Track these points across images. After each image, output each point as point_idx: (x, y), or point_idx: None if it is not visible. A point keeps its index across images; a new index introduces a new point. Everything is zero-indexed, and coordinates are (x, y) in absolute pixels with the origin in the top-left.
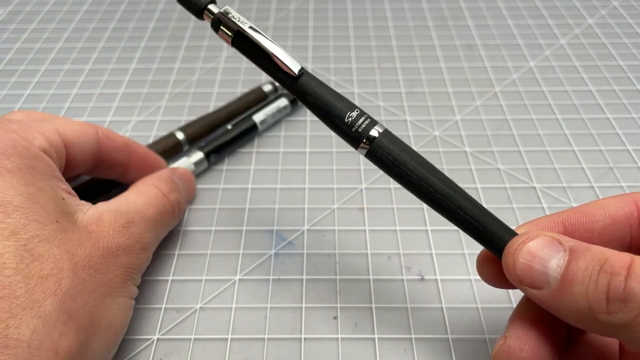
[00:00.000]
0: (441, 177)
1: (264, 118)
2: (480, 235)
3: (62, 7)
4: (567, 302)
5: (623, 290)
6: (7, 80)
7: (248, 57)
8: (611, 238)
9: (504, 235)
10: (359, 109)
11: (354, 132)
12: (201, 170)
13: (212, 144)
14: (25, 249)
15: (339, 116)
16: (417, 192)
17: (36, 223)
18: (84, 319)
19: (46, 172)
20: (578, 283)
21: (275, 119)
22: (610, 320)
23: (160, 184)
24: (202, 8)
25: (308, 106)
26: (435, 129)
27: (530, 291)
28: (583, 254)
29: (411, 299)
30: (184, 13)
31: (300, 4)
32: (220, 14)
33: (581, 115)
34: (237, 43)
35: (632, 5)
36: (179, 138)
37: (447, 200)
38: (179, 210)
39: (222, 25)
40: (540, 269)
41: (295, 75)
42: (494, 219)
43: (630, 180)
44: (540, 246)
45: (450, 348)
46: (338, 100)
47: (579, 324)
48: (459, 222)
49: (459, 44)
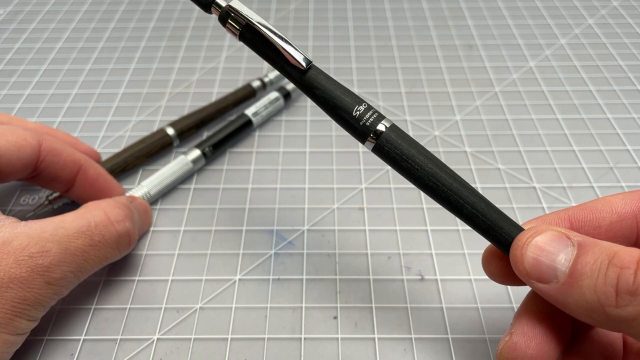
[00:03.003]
0: (449, 171)
1: (256, 110)
2: (487, 230)
3: (62, 7)
4: (576, 296)
5: (633, 283)
6: (7, 80)
7: (255, 50)
8: (617, 235)
9: (511, 230)
10: (366, 103)
11: (361, 125)
12: (199, 168)
13: (208, 141)
14: None
15: (346, 110)
16: (425, 187)
17: None
18: None
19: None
20: (587, 277)
21: (268, 112)
22: (620, 313)
23: (111, 209)
24: (211, 1)
25: (315, 100)
26: (435, 129)
27: (538, 285)
28: (591, 248)
29: (411, 299)
30: (184, 13)
31: (300, 4)
32: (228, 7)
33: (581, 115)
34: (244, 36)
35: (632, 5)
36: (169, 133)
37: (455, 195)
38: (128, 241)
39: (229, 18)
40: (548, 262)
41: (303, 69)
42: (501, 214)
43: (630, 180)
44: (549, 240)
45: (450, 348)
46: (346, 94)
47: (587, 318)
48: (465, 216)
49: (459, 44)
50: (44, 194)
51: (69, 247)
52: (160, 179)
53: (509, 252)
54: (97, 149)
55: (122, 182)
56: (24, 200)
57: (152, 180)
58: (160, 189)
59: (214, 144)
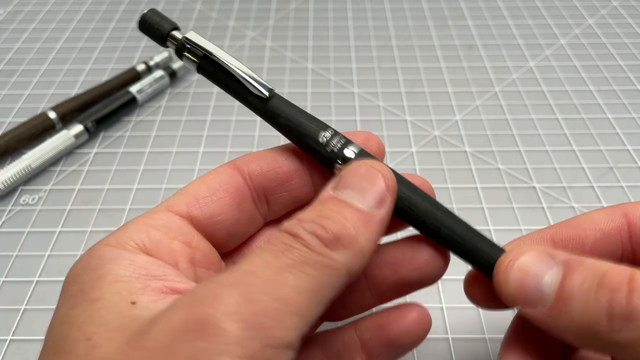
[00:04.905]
0: (422, 194)
1: (141, 88)
2: (467, 253)
3: (62, 7)
4: (565, 320)
5: (626, 307)
6: (7, 80)
7: (215, 82)
8: (602, 252)
9: (492, 252)
10: (332, 129)
11: (329, 152)
12: (82, 142)
13: (91, 116)
14: None
15: (311, 137)
16: (399, 211)
17: None
18: None
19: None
20: (575, 300)
21: (154, 89)
22: (613, 338)
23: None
24: (166, 34)
25: (279, 129)
26: (435, 128)
27: (524, 310)
28: (578, 268)
29: (411, 298)
30: (184, 13)
31: (300, 4)
32: (184, 39)
33: (581, 115)
34: (203, 69)
35: (632, 5)
36: (50, 117)
37: (431, 218)
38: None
39: (186, 51)
40: (534, 285)
41: (265, 97)
42: (480, 235)
43: (630, 180)
44: (532, 261)
45: (450, 348)
46: (311, 120)
47: (577, 342)
48: (443, 240)
49: (459, 43)
50: (44, 193)
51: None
52: (42, 152)
53: (491, 275)
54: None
55: (3, 165)
56: (24, 200)
57: (33, 154)
58: (42, 162)
59: (97, 119)
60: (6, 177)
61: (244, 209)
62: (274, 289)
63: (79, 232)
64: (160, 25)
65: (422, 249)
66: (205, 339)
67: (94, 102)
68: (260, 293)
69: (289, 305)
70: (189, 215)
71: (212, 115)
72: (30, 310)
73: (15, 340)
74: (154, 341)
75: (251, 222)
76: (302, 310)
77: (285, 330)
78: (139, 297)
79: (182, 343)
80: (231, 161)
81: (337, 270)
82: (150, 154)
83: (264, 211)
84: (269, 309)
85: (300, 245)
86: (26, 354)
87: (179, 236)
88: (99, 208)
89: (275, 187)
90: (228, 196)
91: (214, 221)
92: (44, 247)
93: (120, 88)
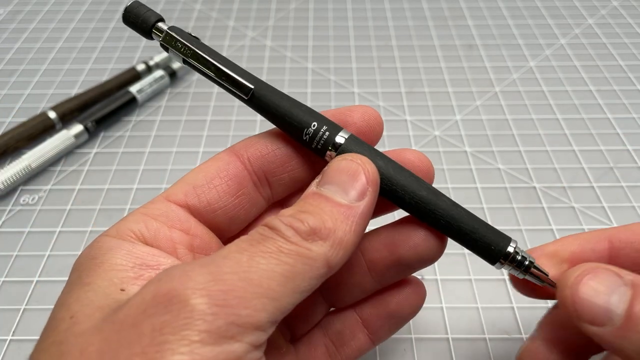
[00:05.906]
0: (425, 185)
1: (141, 88)
2: (473, 242)
3: (62, 7)
4: (634, 341)
5: None
6: (7, 80)
7: (201, 73)
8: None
9: (495, 239)
10: (316, 120)
11: (314, 148)
12: (82, 142)
13: (91, 116)
14: None
15: (295, 135)
16: (390, 195)
17: None
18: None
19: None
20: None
21: (154, 89)
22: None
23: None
24: (150, 27)
25: (268, 117)
26: (435, 128)
27: (590, 328)
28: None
29: None
30: (184, 13)
31: (300, 4)
32: (169, 31)
33: (581, 115)
34: (187, 61)
35: (632, 5)
36: (50, 117)
37: (428, 205)
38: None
39: (172, 43)
40: (602, 304)
41: (251, 88)
42: (484, 223)
43: (631, 180)
44: (600, 280)
45: (450, 348)
46: (292, 117)
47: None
48: (432, 220)
49: (459, 44)
50: (44, 193)
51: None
52: (42, 152)
53: (489, 259)
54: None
55: (3, 165)
56: (24, 200)
57: (33, 154)
58: (42, 162)
59: (97, 119)
60: (6, 177)
61: (243, 194)
62: (243, 270)
63: (79, 232)
64: (145, 17)
65: (418, 228)
66: (171, 312)
67: (94, 102)
68: (229, 273)
69: (258, 287)
70: (186, 204)
71: (212, 115)
72: (30, 310)
73: (15, 340)
74: (124, 316)
75: (252, 206)
76: (274, 294)
77: (252, 310)
78: (130, 285)
79: (149, 317)
80: (230, 147)
81: (313, 260)
82: (150, 154)
83: (266, 194)
84: (236, 287)
85: (277, 236)
86: (26, 354)
87: (177, 224)
88: (99, 208)
89: (275, 169)
90: (225, 183)
91: (212, 208)
92: (43, 247)
93: (120, 88)
